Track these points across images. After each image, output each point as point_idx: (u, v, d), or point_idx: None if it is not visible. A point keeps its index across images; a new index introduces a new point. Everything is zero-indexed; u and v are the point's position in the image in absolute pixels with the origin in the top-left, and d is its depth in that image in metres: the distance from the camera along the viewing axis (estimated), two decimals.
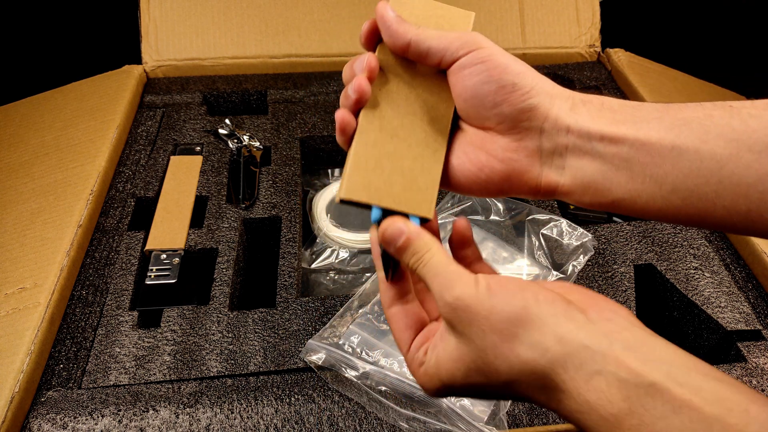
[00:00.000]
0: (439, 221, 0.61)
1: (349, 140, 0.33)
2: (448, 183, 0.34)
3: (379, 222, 0.31)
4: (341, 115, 0.33)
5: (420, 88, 0.34)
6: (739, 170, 0.27)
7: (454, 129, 0.34)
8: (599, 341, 0.25)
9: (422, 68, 0.34)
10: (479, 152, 0.32)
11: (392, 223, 0.30)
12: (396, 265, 0.32)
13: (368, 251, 0.68)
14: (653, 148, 0.28)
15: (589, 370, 0.24)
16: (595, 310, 0.27)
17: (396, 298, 0.32)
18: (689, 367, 0.24)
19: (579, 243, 0.58)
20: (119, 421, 0.45)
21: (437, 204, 0.31)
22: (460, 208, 0.62)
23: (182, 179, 0.66)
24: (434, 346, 0.29)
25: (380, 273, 0.32)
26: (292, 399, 0.47)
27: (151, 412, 0.46)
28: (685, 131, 0.28)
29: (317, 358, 0.49)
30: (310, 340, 0.50)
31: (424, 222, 0.32)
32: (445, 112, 0.34)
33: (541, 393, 0.26)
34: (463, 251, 0.34)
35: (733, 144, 0.27)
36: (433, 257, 0.29)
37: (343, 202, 0.31)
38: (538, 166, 0.31)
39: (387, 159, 0.32)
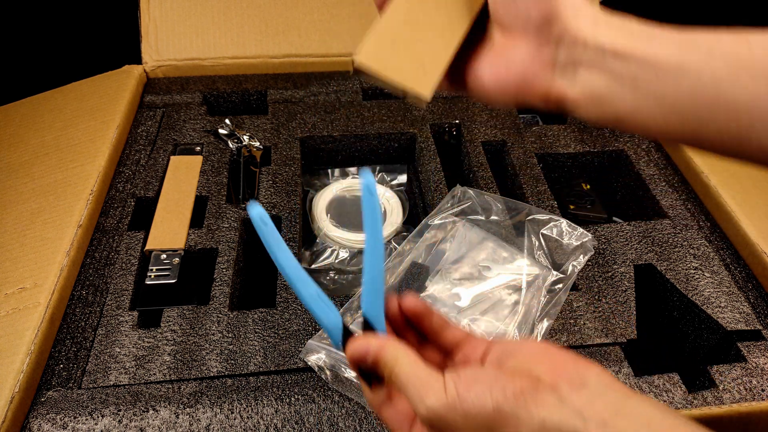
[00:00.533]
0: (439, 221, 0.61)
1: (382, 6, 0.35)
2: (467, 87, 0.36)
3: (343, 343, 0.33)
4: None
5: None
6: (734, 91, 0.28)
7: (481, 36, 0.36)
8: (573, 423, 0.25)
9: None
10: (501, 60, 0.34)
11: (355, 345, 0.32)
12: (374, 374, 0.33)
13: None
14: (659, 65, 0.29)
15: None
16: (565, 380, 0.27)
17: (384, 401, 0.33)
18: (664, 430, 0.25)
19: (579, 243, 0.58)
20: (119, 421, 0.45)
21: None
22: (459, 208, 0.62)
23: (182, 179, 0.66)
24: None
25: (363, 386, 0.34)
26: (292, 399, 0.47)
27: (151, 412, 0.46)
28: (692, 51, 0.29)
29: (317, 358, 0.49)
30: (309, 341, 0.50)
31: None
32: (471, 6, 0.36)
33: None
34: (425, 323, 0.35)
35: (733, 67, 0.28)
36: (402, 369, 0.30)
37: (356, 71, 0.34)
38: (550, 76, 0.33)
39: (405, 39, 0.35)
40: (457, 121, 0.76)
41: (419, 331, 0.36)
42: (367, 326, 0.34)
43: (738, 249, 0.62)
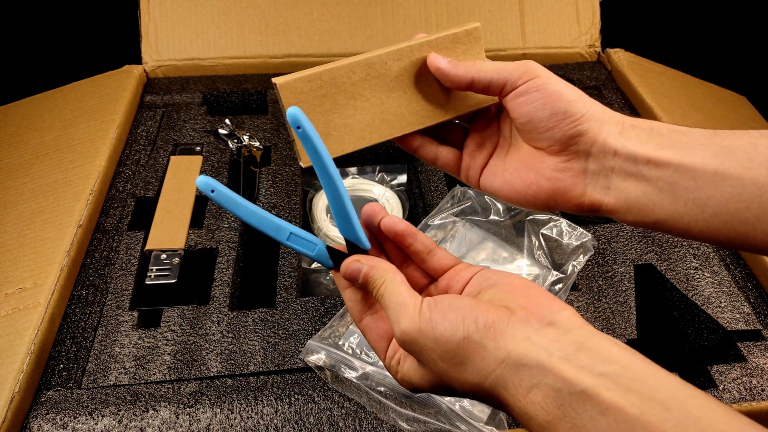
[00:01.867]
0: (439, 221, 0.61)
1: None
2: (500, 194, 0.37)
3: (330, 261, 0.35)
4: None
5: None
6: None
7: (511, 146, 0.37)
8: (538, 355, 0.27)
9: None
10: (529, 171, 0.35)
11: (350, 263, 0.33)
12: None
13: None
14: (697, 173, 0.30)
15: (527, 385, 0.27)
16: (536, 317, 0.28)
17: (364, 310, 0.34)
18: (621, 371, 0.25)
19: (579, 243, 0.58)
20: (119, 421, 0.45)
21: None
22: (459, 208, 0.62)
23: (182, 179, 0.66)
24: (403, 359, 0.32)
25: (345, 294, 0.35)
26: (292, 399, 0.47)
27: (151, 412, 0.46)
28: (730, 158, 0.30)
29: (317, 358, 0.49)
30: (309, 341, 0.50)
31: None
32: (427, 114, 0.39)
33: (493, 403, 0.29)
34: (409, 245, 0.36)
35: None
36: (387, 288, 0.31)
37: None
38: (582, 186, 0.34)
39: (331, 100, 0.38)
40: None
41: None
42: (352, 247, 0.35)
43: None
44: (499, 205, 0.62)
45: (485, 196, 0.63)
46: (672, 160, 0.30)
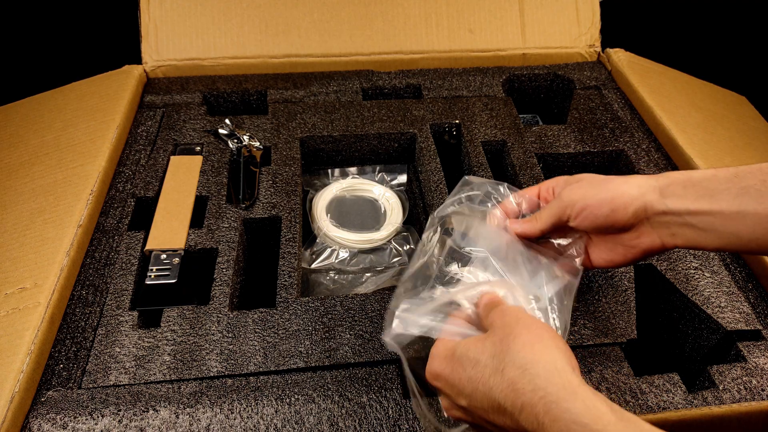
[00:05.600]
0: (436, 215, 0.60)
1: None
2: (611, 266, 0.46)
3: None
4: None
5: None
6: None
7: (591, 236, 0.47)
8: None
9: None
10: (617, 246, 0.44)
11: (488, 294, 0.41)
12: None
13: (368, 251, 0.69)
14: (724, 215, 0.38)
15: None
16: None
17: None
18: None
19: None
20: (119, 421, 0.45)
21: None
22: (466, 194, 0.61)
23: (182, 179, 0.66)
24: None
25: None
26: (292, 399, 0.47)
27: (151, 412, 0.46)
28: (746, 199, 0.37)
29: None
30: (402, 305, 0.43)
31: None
32: None
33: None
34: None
35: None
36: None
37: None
38: (657, 239, 0.42)
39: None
40: (457, 121, 0.76)
41: None
42: None
43: None
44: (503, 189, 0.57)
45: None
46: (704, 208, 0.39)
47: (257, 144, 0.72)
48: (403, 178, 0.78)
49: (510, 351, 0.34)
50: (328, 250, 0.68)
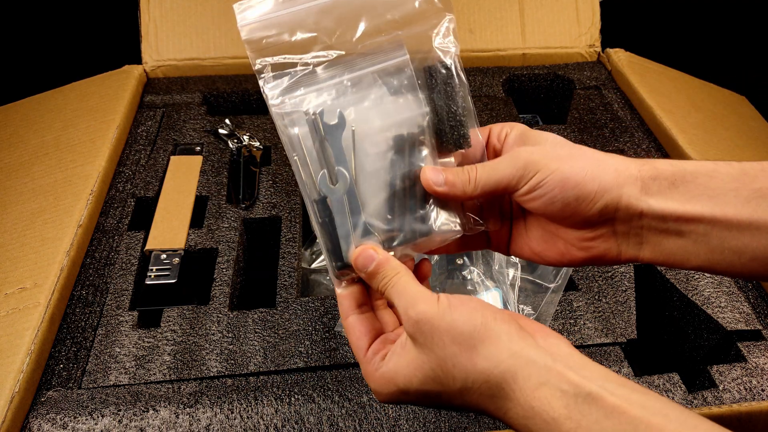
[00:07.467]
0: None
1: None
2: (534, 261, 0.37)
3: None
4: None
5: None
6: None
7: (527, 216, 0.36)
8: (545, 359, 0.28)
9: None
10: (557, 240, 0.34)
11: (363, 251, 0.33)
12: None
13: None
14: (731, 223, 0.29)
15: (536, 381, 0.28)
16: (541, 336, 0.30)
17: (353, 306, 0.34)
18: (619, 383, 0.27)
19: None
20: (119, 421, 0.45)
21: None
22: None
23: (182, 179, 0.66)
24: (393, 353, 0.32)
25: (337, 287, 0.35)
26: (292, 399, 0.47)
27: (151, 412, 0.46)
28: (762, 205, 0.29)
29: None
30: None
31: None
32: None
33: (490, 402, 0.29)
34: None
35: None
36: (400, 279, 0.32)
37: None
38: (615, 247, 0.33)
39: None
40: None
41: None
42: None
43: None
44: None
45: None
46: (703, 213, 0.30)
47: (257, 144, 0.72)
48: None
49: (454, 376, 0.29)
50: None
